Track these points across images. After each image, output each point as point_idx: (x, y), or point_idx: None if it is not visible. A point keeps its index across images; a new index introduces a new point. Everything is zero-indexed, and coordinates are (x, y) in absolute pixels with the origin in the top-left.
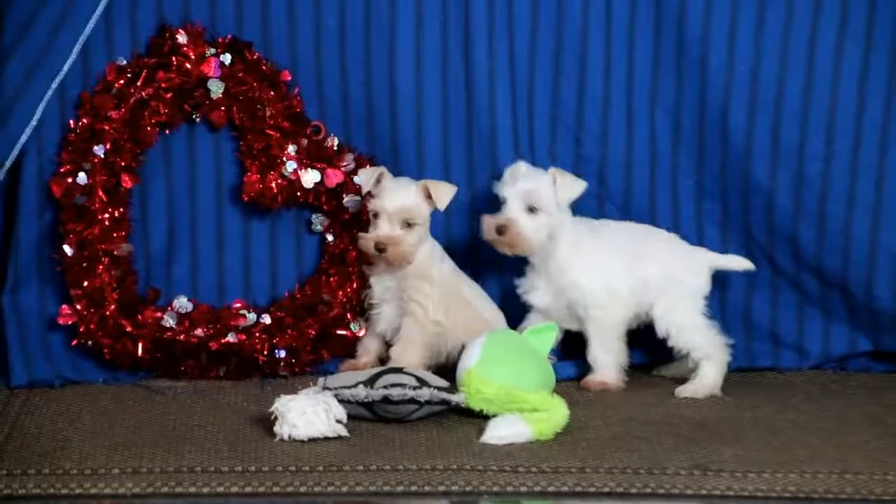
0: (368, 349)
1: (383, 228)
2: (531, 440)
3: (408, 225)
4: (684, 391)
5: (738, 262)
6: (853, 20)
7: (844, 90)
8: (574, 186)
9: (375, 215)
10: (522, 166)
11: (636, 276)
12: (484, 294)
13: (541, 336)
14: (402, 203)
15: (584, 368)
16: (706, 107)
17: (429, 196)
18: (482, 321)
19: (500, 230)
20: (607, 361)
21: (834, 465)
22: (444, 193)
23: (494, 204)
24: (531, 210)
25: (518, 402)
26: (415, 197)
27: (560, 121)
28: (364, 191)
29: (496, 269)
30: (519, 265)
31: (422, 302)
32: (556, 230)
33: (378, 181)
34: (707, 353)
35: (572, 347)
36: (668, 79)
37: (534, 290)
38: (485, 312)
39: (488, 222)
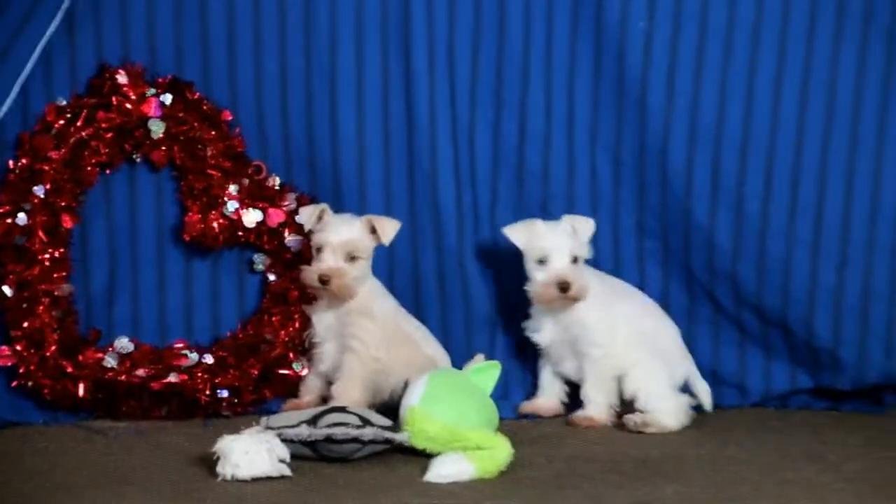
0: (311, 388)
1: (328, 261)
2: (474, 478)
3: (351, 258)
4: (632, 419)
5: (705, 394)
6: (790, 59)
7: (783, 129)
8: (589, 225)
9: (319, 249)
10: (539, 224)
11: (635, 326)
12: (427, 332)
13: (484, 374)
14: (346, 236)
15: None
16: (646, 146)
17: (373, 231)
18: (424, 358)
19: (564, 287)
20: (599, 400)
21: (776, 502)
22: (389, 228)
23: (437, 244)
24: (575, 261)
25: (461, 440)
26: (359, 231)
27: (501, 159)
28: (306, 228)
29: (440, 307)
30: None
31: (363, 338)
32: None
33: (320, 218)
34: (669, 415)
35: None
36: (608, 118)
37: (540, 329)
38: (427, 350)
39: (545, 285)
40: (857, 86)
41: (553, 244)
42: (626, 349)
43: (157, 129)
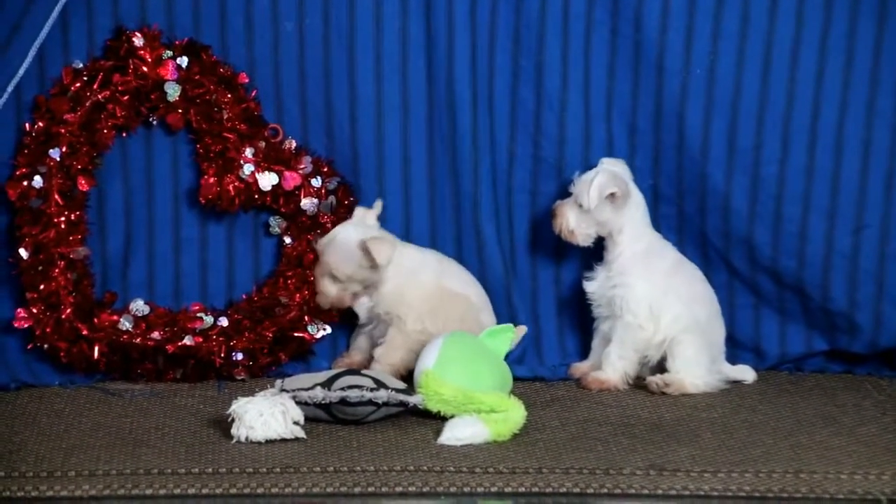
0: (361, 349)
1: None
2: (488, 441)
3: (333, 278)
4: (654, 380)
5: (742, 372)
6: (809, 23)
7: (800, 93)
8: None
9: None
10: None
11: (691, 310)
12: (472, 280)
13: (498, 338)
14: (324, 255)
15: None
16: (662, 110)
17: (367, 252)
18: (475, 311)
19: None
20: (617, 366)
21: (789, 465)
22: (383, 250)
23: (455, 208)
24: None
25: (475, 403)
26: (344, 251)
27: (519, 122)
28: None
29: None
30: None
31: (402, 316)
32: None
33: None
34: (693, 383)
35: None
36: (624, 82)
37: (593, 278)
38: (474, 299)
39: None
40: (876, 51)
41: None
42: (671, 329)
43: (174, 91)
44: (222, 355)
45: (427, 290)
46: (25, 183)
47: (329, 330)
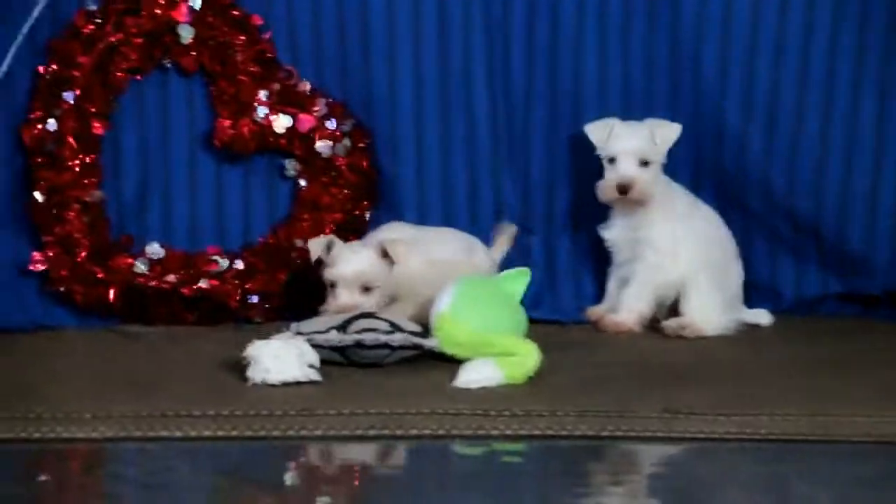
0: None
1: (343, 297)
2: (503, 384)
3: (366, 290)
4: (670, 324)
5: (760, 316)
6: None
7: (818, 32)
8: (671, 131)
9: (332, 284)
10: (616, 125)
11: (706, 252)
12: (451, 235)
13: (514, 281)
14: (358, 268)
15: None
16: (679, 52)
17: (385, 255)
18: (466, 266)
19: (623, 189)
20: (634, 307)
21: (804, 408)
22: (402, 250)
23: (469, 147)
24: (645, 164)
25: (490, 346)
26: (370, 260)
27: (535, 57)
28: (313, 258)
29: (469, 214)
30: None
31: (408, 293)
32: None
33: (329, 249)
34: (709, 323)
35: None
36: (640, 19)
37: (611, 226)
38: (458, 255)
39: (608, 185)
40: None
41: (622, 146)
42: (688, 268)
43: (187, 34)
44: (238, 298)
45: (419, 274)
46: (40, 126)
47: None
